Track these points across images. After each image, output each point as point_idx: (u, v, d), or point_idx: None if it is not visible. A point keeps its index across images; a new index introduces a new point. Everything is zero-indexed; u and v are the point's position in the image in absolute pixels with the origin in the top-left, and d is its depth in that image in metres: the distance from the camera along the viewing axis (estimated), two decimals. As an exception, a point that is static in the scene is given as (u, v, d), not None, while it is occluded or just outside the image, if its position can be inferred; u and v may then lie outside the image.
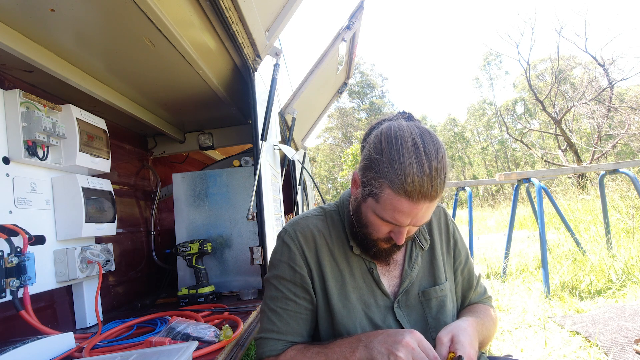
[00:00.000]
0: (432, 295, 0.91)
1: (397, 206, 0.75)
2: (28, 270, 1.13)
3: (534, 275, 3.44)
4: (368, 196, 0.81)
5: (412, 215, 0.76)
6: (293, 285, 0.89)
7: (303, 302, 0.88)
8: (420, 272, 0.94)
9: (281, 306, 0.88)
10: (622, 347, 1.81)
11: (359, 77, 34.71)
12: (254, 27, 1.49)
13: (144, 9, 1.09)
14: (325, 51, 2.66)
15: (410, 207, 0.74)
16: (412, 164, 0.73)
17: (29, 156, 1.24)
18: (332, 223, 0.95)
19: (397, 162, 0.74)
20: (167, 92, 1.83)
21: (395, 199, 0.75)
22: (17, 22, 1.13)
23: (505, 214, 8.26)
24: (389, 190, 0.75)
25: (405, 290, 0.91)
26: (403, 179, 0.73)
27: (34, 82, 1.47)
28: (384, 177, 0.75)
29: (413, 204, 0.74)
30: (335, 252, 0.91)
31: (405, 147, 0.75)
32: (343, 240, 0.92)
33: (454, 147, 33.60)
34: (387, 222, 0.79)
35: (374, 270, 0.90)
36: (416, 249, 0.95)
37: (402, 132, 0.77)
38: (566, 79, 16.47)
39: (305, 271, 0.89)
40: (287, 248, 0.91)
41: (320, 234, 0.92)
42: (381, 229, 0.81)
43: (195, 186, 2.05)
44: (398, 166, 0.74)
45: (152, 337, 1.09)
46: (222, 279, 1.96)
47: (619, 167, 3.49)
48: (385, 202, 0.77)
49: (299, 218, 0.96)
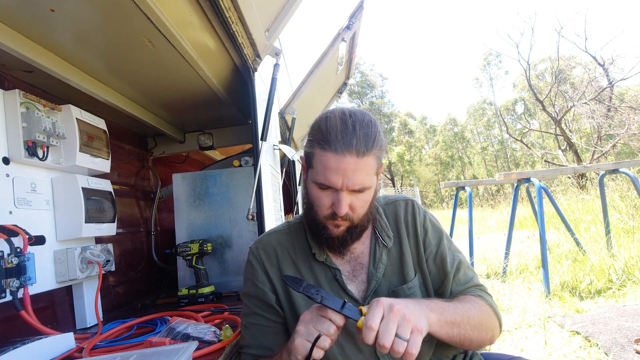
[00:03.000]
0: (400, 294, 0.88)
1: (326, 162, 0.80)
2: (28, 271, 1.13)
3: (534, 275, 3.45)
4: (308, 168, 0.86)
5: (341, 171, 0.78)
6: (258, 301, 0.92)
7: (270, 316, 0.91)
8: (388, 271, 0.92)
9: (250, 321, 0.92)
10: (622, 347, 1.81)
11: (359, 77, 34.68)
12: (253, 27, 1.49)
13: (143, 9, 1.09)
14: (325, 51, 2.66)
15: (337, 161, 0.78)
16: (337, 124, 0.80)
17: (29, 156, 1.24)
18: (295, 236, 0.97)
19: (323, 125, 0.82)
20: (167, 92, 1.83)
21: (324, 156, 0.80)
22: (17, 23, 1.13)
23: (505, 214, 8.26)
24: (317, 149, 0.81)
25: (374, 292, 0.89)
26: (327, 135, 0.80)
27: (34, 83, 1.47)
28: (314, 142, 0.82)
29: (339, 156, 0.78)
30: (298, 263, 0.93)
31: (333, 115, 0.83)
32: (306, 250, 0.94)
33: (454, 147, 33.59)
34: (323, 185, 0.82)
35: (338, 276, 0.90)
36: (379, 247, 0.93)
37: (333, 110, 0.86)
38: (566, 78, 16.46)
39: (268, 287, 0.92)
40: (250, 266, 0.95)
41: (283, 248, 0.95)
42: (322, 201, 0.83)
43: (195, 186, 2.05)
44: (325, 128, 0.81)
45: (152, 337, 1.09)
46: (222, 279, 1.96)
47: (619, 167, 3.49)
48: (317, 164, 0.82)
49: (264, 235, 1.00)
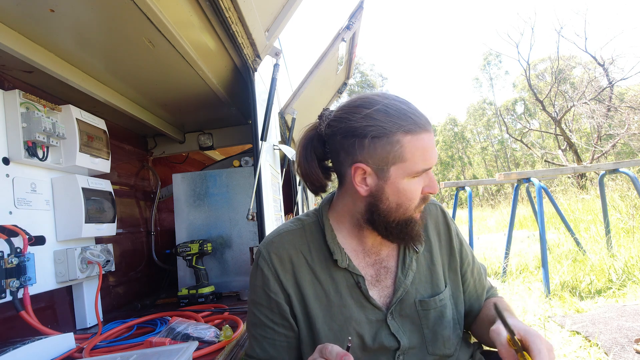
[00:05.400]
0: (430, 306, 0.82)
1: (423, 144, 0.72)
2: (28, 271, 1.13)
3: (534, 275, 3.44)
4: (391, 165, 0.73)
5: (433, 149, 0.73)
6: (270, 312, 0.82)
7: (281, 330, 0.81)
8: (416, 279, 0.84)
9: (260, 333, 0.82)
10: (623, 347, 1.81)
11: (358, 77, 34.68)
12: (253, 27, 1.49)
13: (143, 9, 1.09)
14: (325, 51, 2.66)
15: (430, 138, 0.73)
16: (399, 105, 0.72)
17: (29, 157, 1.24)
18: (311, 236, 0.85)
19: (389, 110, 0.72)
20: (167, 93, 1.83)
21: (418, 139, 0.72)
22: (17, 23, 1.13)
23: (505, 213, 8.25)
24: (408, 136, 0.71)
25: (400, 300, 0.82)
26: (409, 117, 0.71)
27: (34, 83, 1.47)
28: (393, 132, 0.71)
29: (429, 133, 0.73)
30: (317, 269, 0.82)
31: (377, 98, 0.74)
32: (325, 254, 0.83)
33: (454, 147, 33.59)
34: (422, 171, 0.74)
35: (362, 284, 0.81)
36: (410, 252, 0.85)
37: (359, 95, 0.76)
38: (566, 78, 16.46)
39: (282, 297, 0.81)
40: (260, 272, 0.83)
41: (298, 253, 0.83)
42: (417, 190, 0.76)
43: (195, 186, 2.05)
44: (394, 112, 0.71)
45: (152, 337, 1.10)
46: (222, 279, 1.96)
47: (619, 167, 3.49)
48: (411, 151, 0.72)
49: (274, 236, 0.86)
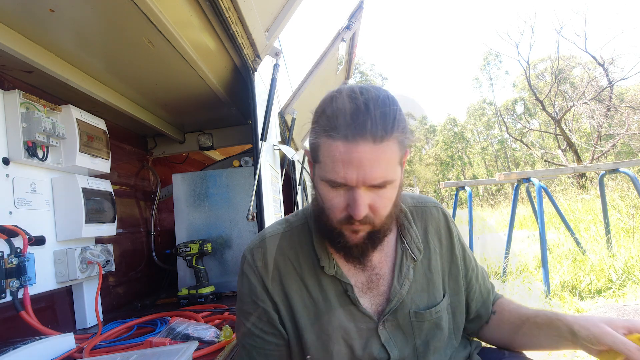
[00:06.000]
0: (425, 318, 0.78)
1: (335, 154, 0.63)
2: (28, 271, 1.13)
3: (534, 275, 3.45)
4: (315, 163, 0.70)
5: (355, 163, 0.62)
6: (258, 320, 0.78)
7: (271, 338, 0.78)
8: (412, 288, 0.79)
9: (250, 342, 0.79)
10: (623, 347, 1.81)
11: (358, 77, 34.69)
12: (253, 27, 1.49)
13: (143, 9, 1.09)
14: (325, 51, 2.66)
15: (349, 150, 0.62)
16: (345, 105, 0.64)
17: (29, 157, 1.24)
18: (298, 240, 0.81)
19: (329, 108, 0.66)
20: (166, 93, 1.83)
21: (332, 146, 0.64)
22: (17, 23, 1.13)
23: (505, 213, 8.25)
24: (323, 139, 0.65)
25: (394, 310, 0.77)
26: (335, 120, 0.64)
27: (34, 83, 1.47)
28: (319, 130, 0.66)
29: (350, 144, 0.62)
30: (304, 276, 0.78)
31: (340, 95, 0.67)
32: (313, 259, 0.78)
33: (453, 147, 33.60)
34: (334, 183, 0.66)
35: (350, 292, 0.76)
36: (407, 260, 0.80)
37: (341, 88, 0.69)
38: (566, 78, 16.46)
39: (269, 305, 0.77)
40: (247, 279, 0.79)
41: (285, 258, 0.79)
42: (335, 202, 0.68)
43: (195, 186, 2.05)
44: (330, 112, 0.65)
45: (152, 337, 1.10)
46: (222, 279, 1.96)
47: (619, 167, 3.49)
48: (324, 156, 0.66)
49: (259, 239, 0.82)
